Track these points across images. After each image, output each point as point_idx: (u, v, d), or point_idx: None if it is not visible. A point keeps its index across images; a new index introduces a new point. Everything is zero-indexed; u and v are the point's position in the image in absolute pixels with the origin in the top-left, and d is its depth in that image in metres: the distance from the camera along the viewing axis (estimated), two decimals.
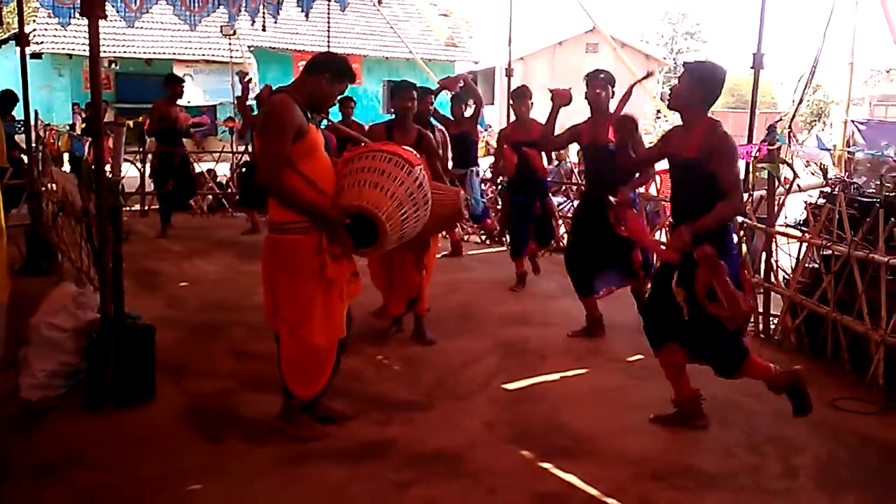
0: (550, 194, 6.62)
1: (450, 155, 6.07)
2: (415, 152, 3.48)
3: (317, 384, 3.35)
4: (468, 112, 7.14)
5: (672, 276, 3.30)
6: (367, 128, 5.44)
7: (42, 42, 19.47)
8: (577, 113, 4.91)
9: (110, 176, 3.71)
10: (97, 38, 3.49)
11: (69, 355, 3.75)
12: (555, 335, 5.00)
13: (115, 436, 3.36)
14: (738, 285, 3.14)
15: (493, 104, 26.73)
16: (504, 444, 3.38)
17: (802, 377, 3.35)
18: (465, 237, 8.59)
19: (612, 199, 4.14)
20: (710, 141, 3.21)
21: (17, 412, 3.51)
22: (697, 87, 3.29)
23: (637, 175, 4.50)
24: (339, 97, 5.22)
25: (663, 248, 3.75)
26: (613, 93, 4.88)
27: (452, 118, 7.04)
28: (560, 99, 4.73)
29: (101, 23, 3.44)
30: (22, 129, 6.68)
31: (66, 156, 9.09)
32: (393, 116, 4.80)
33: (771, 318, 5.01)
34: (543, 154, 6.11)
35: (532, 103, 6.17)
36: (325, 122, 4.28)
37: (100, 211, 3.58)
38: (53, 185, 6.10)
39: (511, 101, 6.19)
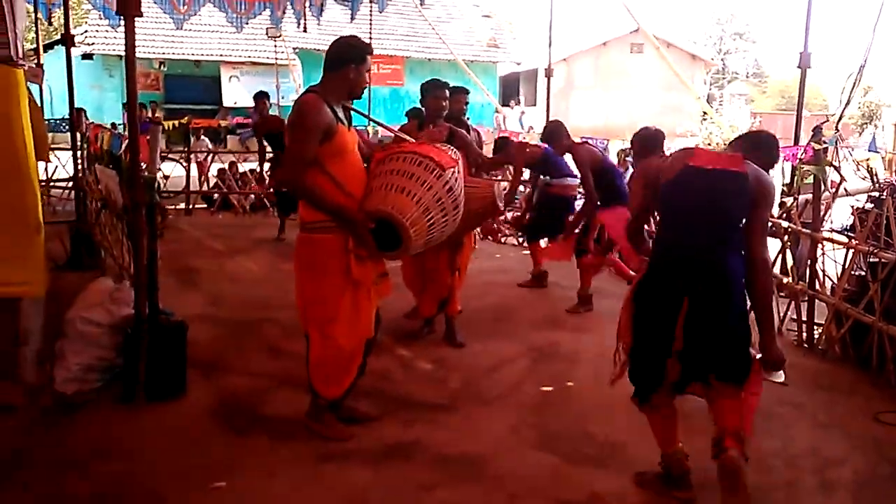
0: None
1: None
2: (451, 152, 3.41)
3: (342, 384, 3.34)
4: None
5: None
6: (397, 129, 5.43)
7: (93, 43, 20.05)
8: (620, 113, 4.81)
9: (147, 174, 3.78)
10: (133, 36, 3.56)
11: (104, 350, 3.82)
12: (587, 340, 4.92)
13: (143, 430, 3.41)
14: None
15: (535, 105, 26.55)
16: (529, 450, 3.33)
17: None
18: (503, 238, 8.54)
19: None
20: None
21: (50, 405, 3.58)
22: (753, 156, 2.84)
23: None
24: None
25: None
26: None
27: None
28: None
29: (151, 25, 3.55)
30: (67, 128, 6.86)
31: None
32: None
33: (815, 327, 4.85)
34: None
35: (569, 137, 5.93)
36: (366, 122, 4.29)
37: (134, 208, 3.64)
38: (98, 184, 6.24)
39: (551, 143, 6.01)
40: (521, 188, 7.21)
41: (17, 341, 3.69)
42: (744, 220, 2.69)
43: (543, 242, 6.60)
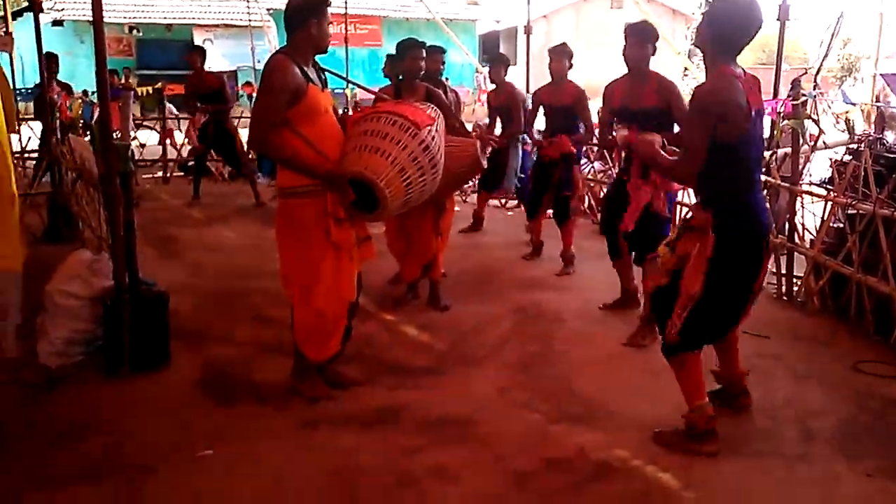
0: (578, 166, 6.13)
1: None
2: (431, 110, 3.37)
3: (328, 347, 3.36)
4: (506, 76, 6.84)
5: None
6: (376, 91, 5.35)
7: (63, 9, 19.54)
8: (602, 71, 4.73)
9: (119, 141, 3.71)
10: (100, 4, 3.46)
11: (85, 322, 3.79)
12: (571, 299, 4.95)
13: (128, 402, 3.41)
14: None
15: (515, 65, 26.27)
16: (515, 409, 3.36)
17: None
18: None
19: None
20: (693, 93, 2.84)
21: (34, 379, 3.55)
22: (708, 28, 2.80)
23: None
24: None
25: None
26: (655, 49, 4.22)
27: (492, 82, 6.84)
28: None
29: None
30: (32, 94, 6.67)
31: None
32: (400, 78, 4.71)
33: (794, 280, 4.90)
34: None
35: (571, 64, 5.64)
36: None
37: (108, 177, 3.57)
38: (72, 154, 6.13)
39: (549, 59, 5.79)
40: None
41: None
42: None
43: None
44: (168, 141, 10.36)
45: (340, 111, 3.67)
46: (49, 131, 6.63)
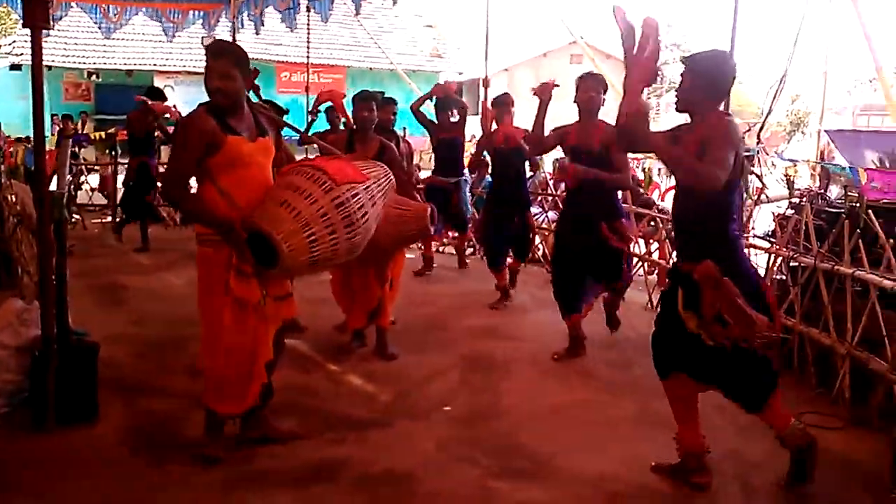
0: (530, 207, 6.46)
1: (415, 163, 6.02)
2: (368, 169, 3.29)
3: (235, 404, 3.21)
4: (454, 119, 6.98)
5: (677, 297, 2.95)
6: (328, 137, 5.35)
7: (21, 54, 19.34)
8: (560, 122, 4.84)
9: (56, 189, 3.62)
10: (39, 48, 3.42)
11: (11, 373, 3.64)
12: (522, 349, 4.91)
13: (53, 459, 3.23)
14: (762, 307, 2.79)
15: (477, 114, 26.72)
16: (457, 464, 3.27)
17: (816, 444, 3.02)
18: (441, 248, 8.49)
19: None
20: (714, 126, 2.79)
21: None
22: (697, 80, 2.82)
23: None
24: (328, 108, 5.09)
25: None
26: (604, 100, 4.69)
27: (438, 124, 6.92)
28: (544, 94, 4.57)
29: (82, 34, 3.39)
30: None
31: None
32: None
33: None
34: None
35: (514, 111, 5.97)
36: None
37: (40, 224, 3.47)
38: (13, 198, 5.98)
39: (494, 110, 6.02)
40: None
41: None
42: None
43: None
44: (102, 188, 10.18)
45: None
46: None
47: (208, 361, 3.19)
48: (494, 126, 6.05)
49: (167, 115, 8.10)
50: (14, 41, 19.74)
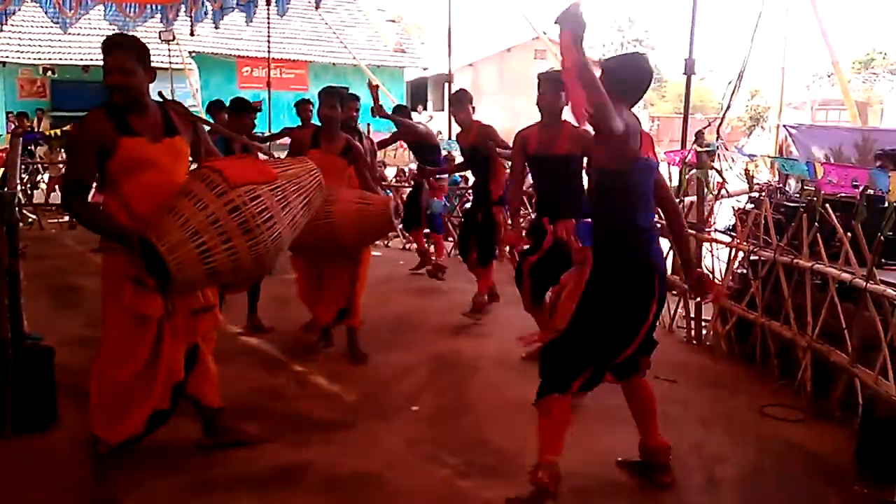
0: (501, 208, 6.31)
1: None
2: (281, 168, 2.95)
3: (123, 427, 2.91)
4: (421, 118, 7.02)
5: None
6: (293, 134, 5.28)
7: None
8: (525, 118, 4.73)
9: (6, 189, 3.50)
10: None
11: None
12: (488, 346, 4.91)
13: (11, 466, 3.15)
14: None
15: (443, 110, 26.69)
16: (424, 463, 3.26)
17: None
18: (405, 245, 8.47)
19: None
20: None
21: None
22: (607, 81, 2.76)
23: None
24: (299, 101, 5.00)
25: None
26: (567, 98, 4.31)
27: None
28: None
29: (37, 29, 3.23)
30: None
31: None
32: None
33: (703, 324, 5.01)
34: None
35: (473, 108, 5.74)
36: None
37: None
38: None
39: (451, 108, 5.99)
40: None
41: None
42: None
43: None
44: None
45: None
46: None
47: (96, 378, 2.92)
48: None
49: None
50: None
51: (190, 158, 3.07)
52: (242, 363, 4.50)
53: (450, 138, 10.02)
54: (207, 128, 3.30)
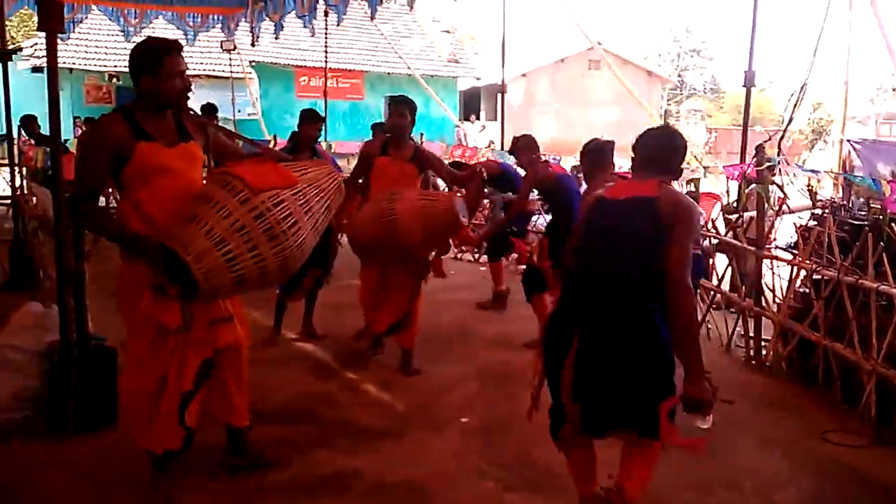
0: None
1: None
2: (302, 172, 2.85)
3: (155, 437, 2.84)
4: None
5: None
6: (362, 144, 5.33)
7: (43, 56, 19.57)
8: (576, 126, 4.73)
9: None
10: (55, 51, 3.43)
11: (31, 378, 3.65)
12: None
13: (71, 464, 3.25)
14: None
15: (496, 120, 26.70)
16: (471, 476, 3.24)
17: None
18: (458, 255, 8.47)
19: None
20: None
21: None
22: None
23: None
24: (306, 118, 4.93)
25: None
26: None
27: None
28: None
29: (104, 37, 3.36)
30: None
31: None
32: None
33: (763, 344, 4.87)
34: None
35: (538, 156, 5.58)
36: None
37: (57, 230, 3.48)
38: (34, 201, 6.04)
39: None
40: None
41: None
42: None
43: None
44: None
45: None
46: (14, 180, 6.53)
47: (122, 388, 2.93)
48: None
49: None
50: (36, 44, 19.96)
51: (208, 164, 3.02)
52: (296, 368, 4.57)
53: (501, 148, 10.01)
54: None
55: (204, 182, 2.83)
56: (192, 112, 2.98)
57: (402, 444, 3.57)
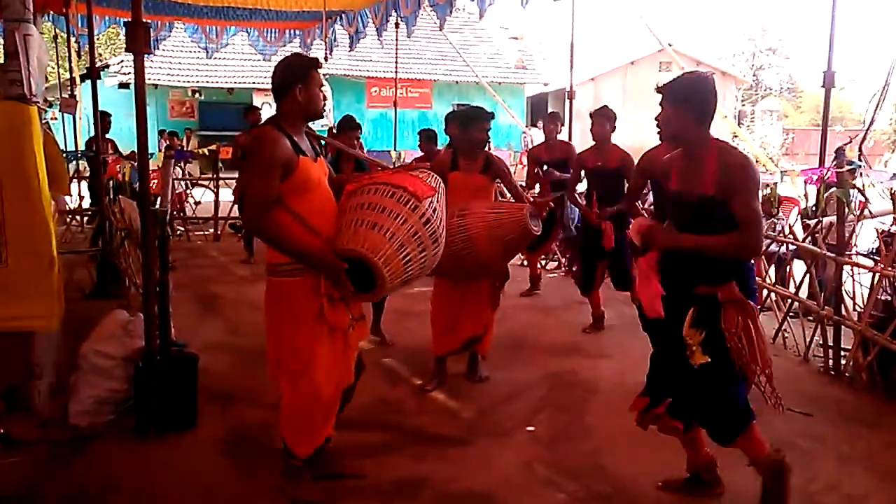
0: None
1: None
2: (431, 179, 3.08)
3: (318, 437, 3.10)
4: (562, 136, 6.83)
5: (680, 318, 2.82)
6: (435, 154, 5.39)
7: (129, 73, 20.57)
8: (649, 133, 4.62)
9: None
10: (142, 72, 3.61)
11: (117, 382, 3.84)
12: (606, 367, 4.83)
13: (153, 465, 3.41)
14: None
15: (563, 125, 26.47)
16: (540, 486, 3.25)
17: (788, 469, 2.85)
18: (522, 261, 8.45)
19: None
20: (728, 173, 2.69)
21: (64, 438, 3.60)
22: (683, 107, 2.77)
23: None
24: (344, 126, 4.96)
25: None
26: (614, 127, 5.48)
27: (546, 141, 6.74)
28: None
29: (186, 54, 3.54)
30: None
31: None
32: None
33: (842, 353, 4.69)
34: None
35: (614, 127, 5.62)
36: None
37: (144, 241, 3.67)
38: (121, 213, 6.36)
39: (591, 123, 5.64)
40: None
41: (31, 374, 3.73)
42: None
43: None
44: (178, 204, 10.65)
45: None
46: (100, 191, 6.91)
47: (293, 398, 3.00)
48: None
49: None
50: (122, 60, 21.01)
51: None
52: (365, 375, 4.65)
53: None
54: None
55: (361, 193, 2.95)
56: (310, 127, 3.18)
57: (469, 451, 3.61)
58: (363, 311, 3.18)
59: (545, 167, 6.65)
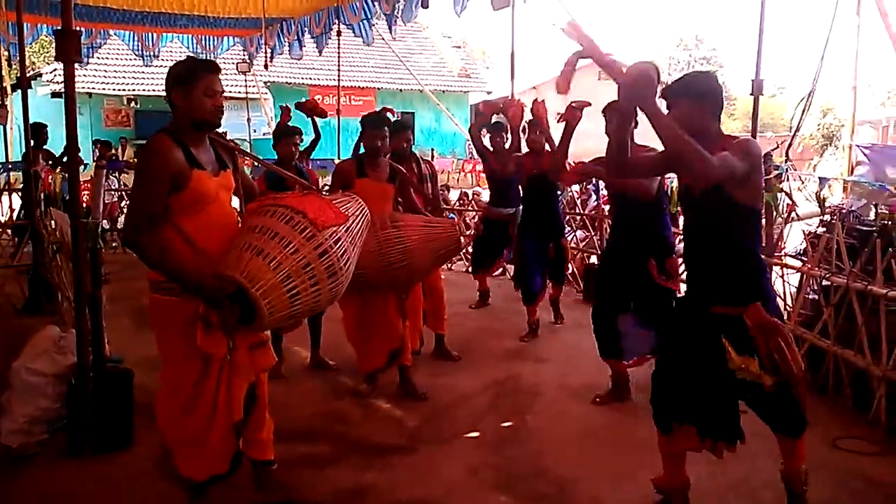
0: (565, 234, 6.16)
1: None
2: (347, 205, 2.91)
3: (206, 465, 2.88)
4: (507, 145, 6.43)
5: (701, 337, 2.80)
6: (335, 164, 5.34)
7: (62, 82, 19.93)
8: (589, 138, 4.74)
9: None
10: (73, 81, 3.53)
11: (50, 401, 3.72)
12: (549, 371, 4.89)
13: (89, 485, 3.30)
14: None
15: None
16: (485, 492, 3.27)
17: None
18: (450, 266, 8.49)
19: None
20: (731, 149, 2.62)
21: None
22: (704, 103, 2.73)
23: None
24: (281, 132, 4.75)
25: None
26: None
27: (492, 150, 6.33)
28: (573, 119, 4.69)
29: (121, 61, 3.43)
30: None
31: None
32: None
33: None
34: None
35: (507, 137, 6.02)
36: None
37: (74, 254, 3.57)
38: (53, 226, 6.16)
39: (489, 135, 5.98)
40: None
41: None
42: None
43: None
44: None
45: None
46: (32, 204, 6.67)
47: (165, 419, 2.87)
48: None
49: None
50: (55, 69, 20.34)
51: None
52: (309, 386, 4.62)
53: None
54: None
55: (258, 213, 2.72)
56: (221, 136, 2.97)
57: (414, 459, 3.61)
58: (265, 337, 2.96)
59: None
